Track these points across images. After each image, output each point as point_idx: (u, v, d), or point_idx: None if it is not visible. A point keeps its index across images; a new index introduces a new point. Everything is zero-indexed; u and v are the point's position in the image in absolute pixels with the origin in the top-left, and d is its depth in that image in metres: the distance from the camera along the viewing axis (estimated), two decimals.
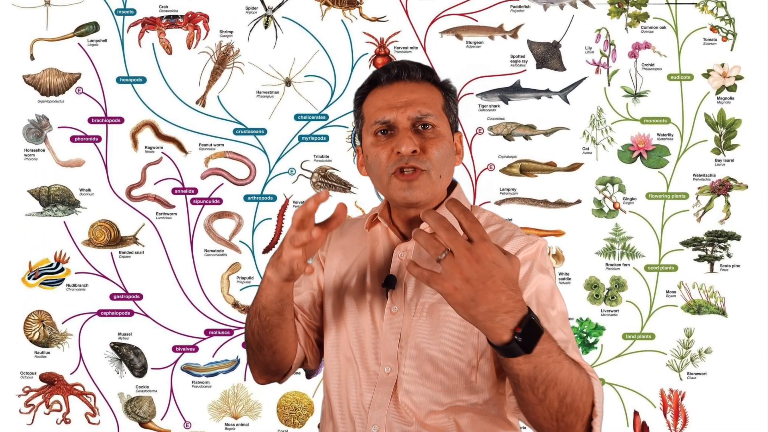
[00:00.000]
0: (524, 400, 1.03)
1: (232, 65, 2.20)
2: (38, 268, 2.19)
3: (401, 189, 1.26)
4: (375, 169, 1.30)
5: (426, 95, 1.30)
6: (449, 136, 1.32)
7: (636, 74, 2.19)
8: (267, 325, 1.26)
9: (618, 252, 2.19)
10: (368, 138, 1.31)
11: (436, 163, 1.27)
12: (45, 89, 2.19)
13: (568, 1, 2.19)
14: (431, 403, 1.24)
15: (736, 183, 2.18)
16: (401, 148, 1.25)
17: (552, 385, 1.00)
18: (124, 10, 2.20)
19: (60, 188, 2.19)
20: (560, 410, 1.02)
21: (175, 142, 2.20)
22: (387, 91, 1.31)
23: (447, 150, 1.29)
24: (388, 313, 1.29)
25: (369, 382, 1.28)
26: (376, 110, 1.30)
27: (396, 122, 1.28)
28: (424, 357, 1.25)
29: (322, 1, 2.20)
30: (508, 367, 0.99)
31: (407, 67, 1.32)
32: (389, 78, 1.32)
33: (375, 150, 1.29)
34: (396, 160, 1.26)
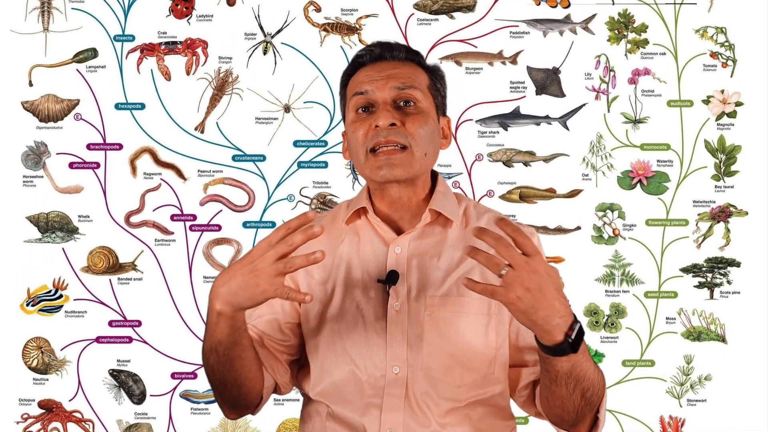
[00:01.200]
0: (556, 394, 1.12)
1: (231, 91, 2.20)
2: (37, 294, 2.19)
3: (378, 167, 1.21)
4: (353, 146, 1.25)
5: (409, 71, 1.26)
6: (434, 115, 1.27)
7: (636, 100, 2.19)
8: (226, 361, 1.16)
9: (618, 278, 2.19)
10: (350, 115, 1.27)
11: (418, 139, 1.22)
12: (43, 115, 2.19)
13: (568, 27, 2.19)
14: (452, 400, 1.21)
15: (736, 209, 2.18)
16: (379, 121, 1.21)
17: (581, 381, 1.10)
18: (122, 37, 2.20)
19: (58, 215, 2.19)
20: (581, 403, 1.13)
21: (173, 168, 2.20)
22: (369, 69, 1.27)
23: (431, 128, 1.24)
24: (392, 311, 1.22)
25: (376, 386, 1.20)
26: (356, 84, 1.26)
27: (376, 98, 1.23)
28: (441, 352, 1.21)
29: (321, 27, 2.20)
30: (551, 364, 1.08)
31: (390, 46, 1.28)
32: (372, 58, 1.28)
33: (353, 126, 1.24)
34: (373, 134, 1.21)
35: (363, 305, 1.24)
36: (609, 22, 2.19)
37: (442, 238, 1.27)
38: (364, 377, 1.21)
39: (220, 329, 1.11)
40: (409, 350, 1.20)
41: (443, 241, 1.27)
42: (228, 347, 1.14)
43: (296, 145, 2.20)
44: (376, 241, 1.27)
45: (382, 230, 1.27)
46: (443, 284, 1.24)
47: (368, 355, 1.21)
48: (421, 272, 1.24)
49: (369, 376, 1.21)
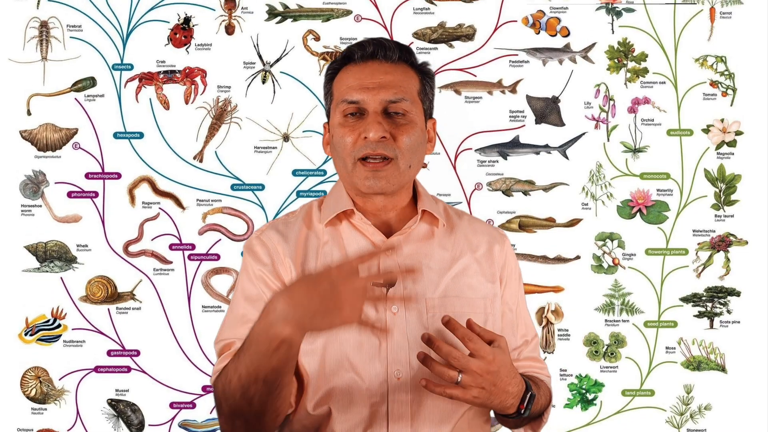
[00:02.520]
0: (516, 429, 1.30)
1: (229, 120, 2.19)
2: (35, 324, 2.18)
3: (365, 177, 1.21)
4: (340, 151, 1.23)
5: (401, 78, 1.24)
6: (422, 124, 1.26)
7: (635, 129, 2.18)
8: (274, 389, 1.07)
9: (617, 308, 2.18)
10: (336, 117, 1.24)
11: (405, 151, 1.22)
12: (42, 144, 2.18)
13: (567, 56, 2.19)
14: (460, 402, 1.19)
15: (736, 239, 2.17)
16: (369, 133, 1.19)
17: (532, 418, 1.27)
18: (121, 66, 2.19)
19: (57, 244, 2.18)
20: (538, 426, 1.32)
21: (172, 197, 2.19)
22: (360, 70, 1.24)
23: (418, 138, 1.24)
24: (390, 314, 1.21)
25: (379, 394, 1.18)
26: (346, 89, 1.23)
27: (366, 105, 1.21)
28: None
29: (320, 56, 2.19)
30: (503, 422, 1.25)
31: (384, 45, 1.25)
32: (364, 56, 1.24)
33: (341, 131, 1.23)
34: (363, 145, 1.20)
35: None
36: (608, 50, 2.18)
37: (430, 239, 1.29)
38: (365, 384, 1.19)
39: (278, 356, 1.02)
40: (412, 353, 1.19)
41: (431, 241, 1.29)
42: (281, 375, 1.05)
43: (295, 174, 2.19)
44: (364, 243, 1.26)
45: (369, 233, 1.26)
46: (439, 285, 1.25)
47: (368, 360, 1.19)
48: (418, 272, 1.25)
49: (370, 382, 1.19)
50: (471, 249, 1.30)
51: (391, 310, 1.21)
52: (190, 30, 2.19)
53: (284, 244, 1.25)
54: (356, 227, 1.27)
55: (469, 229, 1.33)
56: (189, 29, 2.19)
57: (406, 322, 1.21)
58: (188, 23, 2.18)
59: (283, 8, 2.18)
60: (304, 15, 2.19)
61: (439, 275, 1.26)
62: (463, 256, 1.29)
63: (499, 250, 1.32)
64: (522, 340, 1.35)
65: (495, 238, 1.34)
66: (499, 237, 1.36)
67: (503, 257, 1.33)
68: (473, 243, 1.31)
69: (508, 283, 1.33)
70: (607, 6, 2.18)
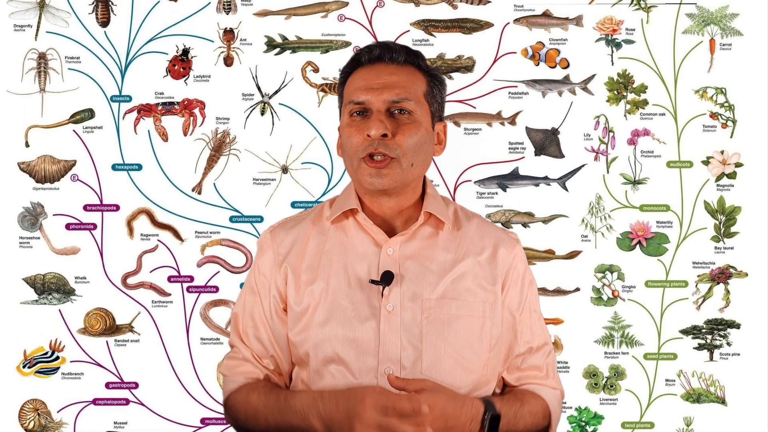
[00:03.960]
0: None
1: (228, 152, 2.19)
2: (33, 356, 2.18)
3: (369, 175, 1.24)
4: (347, 150, 1.27)
5: (406, 79, 1.26)
6: (427, 124, 1.27)
7: (635, 161, 2.18)
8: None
9: (617, 340, 2.18)
10: (344, 118, 1.29)
11: (407, 150, 1.23)
12: (40, 176, 2.18)
13: (567, 87, 2.18)
14: None
15: (735, 271, 2.17)
16: (371, 131, 1.22)
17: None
18: (119, 97, 2.19)
19: (55, 276, 2.18)
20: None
21: (170, 229, 2.19)
22: (367, 72, 1.27)
23: (421, 138, 1.25)
24: (385, 312, 1.24)
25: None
26: (353, 90, 1.27)
27: (370, 104, 1.24)
28: (444, 355, 1.23)
29: (319, 87, 2.19)
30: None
31: (390, 48, 1.28)
32: (371, 59, 1.28)
33: (348, 131, 1.26)
34: (367, 144, 1.23)
35: (354, 306, 1.25)
36: (608, 82, 2.18)
37: (433, 241, 1.30)
38: (355, 380, 1.23)
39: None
40: (404, 352, 1.22)
41: (435, 243, 1.30)
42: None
43: (294, 206, 2.19)
44: (367, 242, 1.28)
45: (372, 231, 1.28)
46: (438, 286, 1.26)
47: (360, 356, 1.23)
48: (414, 274, 1.26)
49: (361, 378, 1.23)
50: (475, 252, 1.31)
51: (386, 307, 1.24)
52: (188, 62, 2.18)
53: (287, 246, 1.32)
54: (360, 225, 1.30)
55: (476, 232, 1.34)
56: (187, 61, 2.18)
57: (401, 321, 1.23)
58: (187, 55, 2.18)
59: (282, 40, 2.18)
60: (303, 46, 2.18)
61: (439, 277, 1.27)
62: (465, 259, 1.29)
63: (505, 254, 1.32)
64: (526, 347, 1.34)
65: (502, 241, 1.33)
66: (507, 240, 1.34)
67: (509, 261, 1.32)
68: (478, 246, 1.32)
69: (511, 287, 1.32)
70: (607, 38, 2.17)
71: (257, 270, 1.35)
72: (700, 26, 2.17)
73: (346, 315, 1.25)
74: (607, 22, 2.17)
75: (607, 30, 2.17)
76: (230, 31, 2.18)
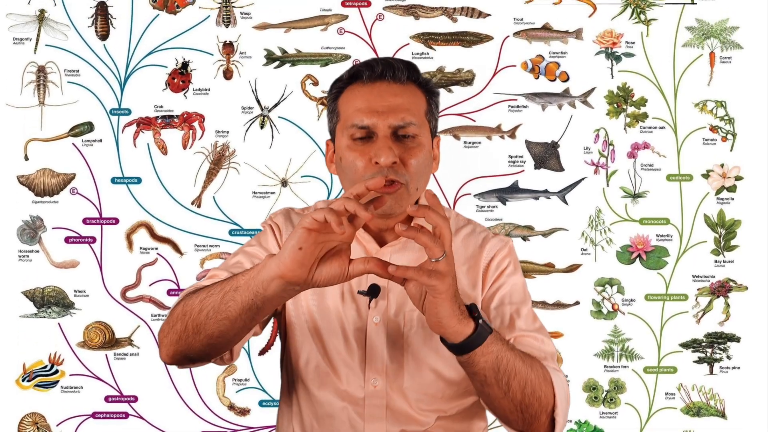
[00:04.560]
0: (491, 396, 1.08)
1: (227, 165, 2.18)
2: (32, 370, 2.18)
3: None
4: (349, 174, 1.23)
5: (410, 100, 1.23)
6: (429, 145, 1.26)
7: (635, 174, 2.18)
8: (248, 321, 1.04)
9: (617, 354, 2.18)
10: (343, 139, 1.24)
11: (414, 174, 1.21)
12: (39, 190, 2.17)
13: (567, 101, 2.18)
14: (436, 411, 1.24)
15: (735, 284, 2.17)
16: (380, 158, 1.19)
17: (513, 375, 1.06)
18: (119, 110, 2.18)
19: (54, 289, 2.17)
20: (523, 401, 1.09)
21: (170, 243, 2.19)
22: (368, 91, 1.23)
23: (426, 160, 1.24)
24: (371, 324, 1.24)
25: (356, 397, 1.24)
26: (354, 111, 1.22)
27: (376, 128, 1.21)
28: (424, 368, 1.23)
29: (319, 100, 2.19)
30: (474, 363, 1.04)
31: (392, 66, 1.23)
32: (372, 76, 1.23)
33: (351, 155, 1.22)
34: (374, 170, 1.20)
35: (342, 317, 1.25)
36: (608, 95, 2.18)
37: (422, 252, 1.26)
38: (342, 387, 1.24)
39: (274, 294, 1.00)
40: (390, 364, 1.23)
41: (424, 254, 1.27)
42: (262, 312, 1.04)
43: None
44: (358, 251, 1.27)
45: (364, 241, 1.28)
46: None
47: (348, 367, 1.24)
48: (401, 287, 1.23)
49: (348, 386, 1.24)
50: (460, 262, 1.29)
51: (373, 320, 1.24)
52: (188, 75, 2.18)
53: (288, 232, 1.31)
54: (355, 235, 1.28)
55: (464, 241, 1.32)
56: (187, 74, 2.18)
57: (386, 333, 1.23)
58: (186, 68, 2.18)
59: (282, 53, 2.18)
60: (303, 60, 2.18)
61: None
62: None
63: (489, 249, 1.30)
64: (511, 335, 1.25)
65: (488, 241, 1.32)
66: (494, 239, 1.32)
67: (491, 255, 1.30)
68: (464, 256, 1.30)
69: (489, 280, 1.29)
70: (607, 51, 2.17)
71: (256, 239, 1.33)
72: (700, 39, 2.16)
73: (334, 326, 1.26)
74: (606, 35, 2.17)
75: (606, 43, 2.17)
76: (230, 45, 2.17)
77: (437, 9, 2.18)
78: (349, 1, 2.18)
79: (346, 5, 2.18)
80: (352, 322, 1.25)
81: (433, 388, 1.24)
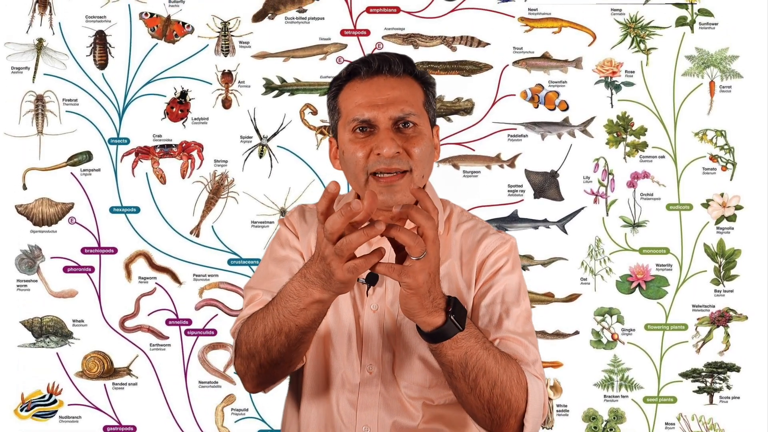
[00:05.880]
0: (458, 389, 1.11)
1: (226, 195, 2.18)
2: (31, 399, 2.17)
3: (380, 192, 1.23)
4: (351, 167, 1.26)
5: (407, 92, 1.26)
6: (429, 134, 1.28)
7: (635, 204, 2.17)
8: (295, 342, 1.14)
9: (616, 383, 2.17)
10: (345, 134, 1.26)
11: (418, 162, 1.23)
12: (37, 219, 2.17)
13: (566, 130, 2.17)
14: (424, 399, 1.25)
15: (735, 314, 2.16)
16: (383, 149, 1.21)
17: (482, 373, 1.08)
18: (117, 140, 2.18)
19: (53, 319, 2.17)
20: (491, 400, 1.10)
21: (168, 272, 2.18)
22: (367, 87, 1.25)
23: (428, 148, 1.26)
24: (369, 311, 1.26)
25: (351, 384, 1.26)
26: (355, 106, 1.25)
27: (377, 121, 1.23)
28: (413, 356, 1.25)
29: (318, 130, 2.18)
30: (441, 354, 1.07)
31: (388, 60, 1.26)
32: (369, 72, 1.26)
33: (353, 147, 1.25)
34: (375, 160, 1.22)
35: (341, 304, 1.27)
36: (608, 124, 2.17)
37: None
38: (339, 373, 1.26)
39: (307, 315, 1.09)
40: (384, 351, 1.25)
41: None
42: (305, 331, 1.13)
43: None
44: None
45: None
46: None
47: (344, 353, 1.26)
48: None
49: (344, 372, 1.26)
50: (458, 253, 1.31)
51: (370, 307, 1.26)
52: (186, 104, 2.17)
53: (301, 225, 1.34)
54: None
55: (468, 234, 1.32)
56: (186, 103, 2.17)
57: (384, 320, 1.26)
58: (185, 97, 2.17)
59: (280, 82, 2.17)
60: (301, 89, 2.17)
61: None
62: (447, 261, 1.29)
63: (485, 245, 1.30)
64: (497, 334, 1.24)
65: (486, 237, 1.31)
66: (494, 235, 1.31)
67: (487, 252, 1.30)
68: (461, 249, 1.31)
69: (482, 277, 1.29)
70: (606, 80, 2.17)
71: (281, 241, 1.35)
72: (700, 68, 2.16)
73: (337, 312, 1.28)
74: (606, 64, 2.17)
75: (606, 72, 2.17)
76: (228, 74, 2.17)
77: (436, 38, 2.17)
78: (348, 30, 2.17)
79: (345, 34, 2.17)
80: (350, 312, 1.27)
81: (420, 376, 1.25)
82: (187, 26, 2.17)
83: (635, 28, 2.16)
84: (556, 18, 2.17)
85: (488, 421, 1.14)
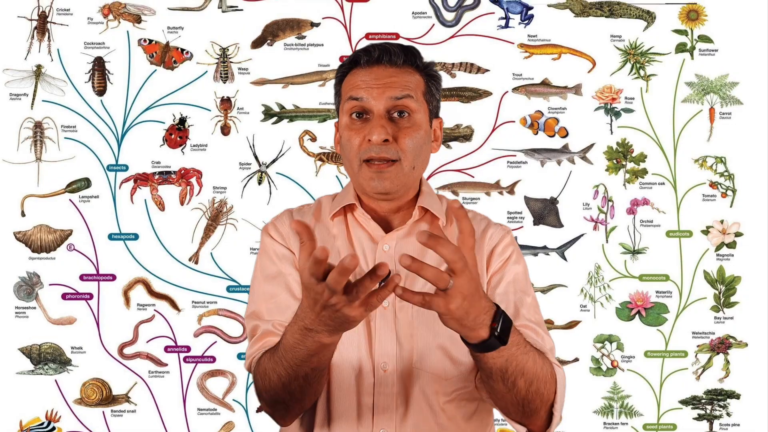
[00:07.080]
0: (495, 389, 1.11)
1: (225, 222, 2.18)
2: (29, 426, 2.17)
3: (370, 178, 1.24)
4: (347, 153, 1.27)
5: (406, 79, 1.26)
6: (426, 125, 1.28)
7: (634, 231, 2.17)
8: (314, 381, 1.14)
9: (616, 411, 2.17)
10: (344, 118, 1.28)
11: (408, 153, 1.24)
12: (36, 246, 2.17)
13: (566, 156, 2.17)
14: (444, 394, 1.23)
15: (735, 341, 2.16)
16: (372, 136, 1.22)
17: (520, 375, 1.08)
18: (116, 166, 2.18)
19: (51, 346, 2.16)
20: (527, 397, 1.12)
21: (167, 299, 2.18)
22: (366, 73, 1.26)
23: (421, 140, 1.26)
24: (380, 308, 1.24)
25: (365, 384, 1.23)
26: (351, 87, 1.27)
27: (370, 106, 1.24)
28: (432, 347, 1.23)
29: (317, 156, 2.18)
30: (483, 361, 1.06)
31: (389, 50, 1.27)
32: (369, 60, 1.27)
33: (348, 133, 1.26)
34: (367, 147, 1.23)
35: None
36: (607, 151, 2.17)
37: None
38: (353, 374, 1.23)
39: (320, 358, 1.08)
40: (399, 347, 1.23)
41: None
42: (322, 370, 1.13)
43: None
44: (364, 238, 1.29)
45: (369, 228, 1.30)
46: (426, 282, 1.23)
47: (356, 351, 1.23)
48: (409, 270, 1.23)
49: (358, 373, 1.23)
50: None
51: (383, 304, 1.24)
52: (185, 130, 2.17)
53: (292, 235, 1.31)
54: (358, 221, 1.30)
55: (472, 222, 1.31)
56: (184, 130, 2.17)
57: (396, 316, 1.24)
58: (183, 124, 2.17)
59: (279, 109, 2.17)
60: (300, 115, 2.17)
61: None
62: None
63: (491, 235, 1.31)
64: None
65: (490, 226, 1.33)
66: (496, 225, 1.34)
67: (494, 241, 1.31)
68: None
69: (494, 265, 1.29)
70: (606, 106, 2.16)
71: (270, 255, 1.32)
72: (700, 95, 2.16)
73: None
74: (606, 90, 2.16)
75: (606, 99, 2.16)
76: (227, 100, 2.16)
77: (435, 64, 2.16)
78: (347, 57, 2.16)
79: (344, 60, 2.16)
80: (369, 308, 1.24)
81: (440, 367, 1.23)
82: (185, 53, 2.16)
83: (635, 54, 2.15)
84: (556, 44, 2.16)
85: (520, 414, 1.15)
